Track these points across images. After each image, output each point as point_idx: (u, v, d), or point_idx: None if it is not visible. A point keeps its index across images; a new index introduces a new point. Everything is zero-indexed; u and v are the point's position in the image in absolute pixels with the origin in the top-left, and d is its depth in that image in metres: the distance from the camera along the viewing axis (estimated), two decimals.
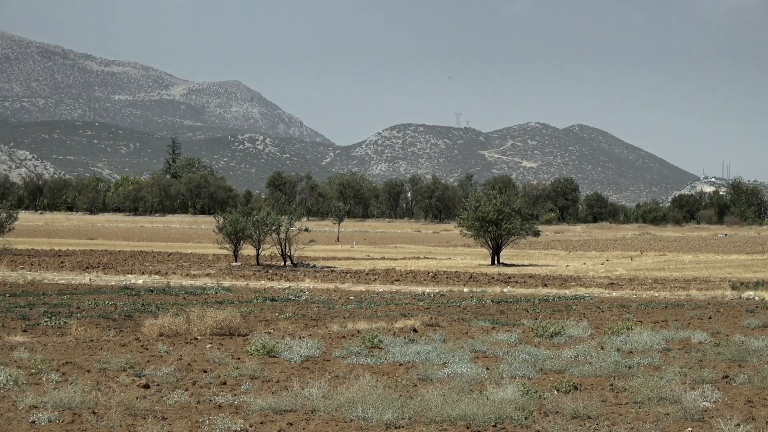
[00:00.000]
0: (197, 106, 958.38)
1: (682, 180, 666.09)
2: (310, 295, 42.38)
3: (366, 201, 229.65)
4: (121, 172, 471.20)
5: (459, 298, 42.62)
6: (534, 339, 26.94)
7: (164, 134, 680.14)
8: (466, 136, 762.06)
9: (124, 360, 21.49)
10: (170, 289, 44.62)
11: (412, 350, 23.53)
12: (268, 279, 53.72)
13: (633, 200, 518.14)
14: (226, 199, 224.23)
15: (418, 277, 55.54)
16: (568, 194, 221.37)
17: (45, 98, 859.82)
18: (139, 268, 60.02)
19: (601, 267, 68.90)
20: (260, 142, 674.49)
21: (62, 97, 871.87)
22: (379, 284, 50.73)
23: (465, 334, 27.92)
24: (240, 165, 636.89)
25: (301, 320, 31.87)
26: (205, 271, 58.16)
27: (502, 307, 38.13)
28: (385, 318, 32.72)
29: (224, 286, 46.80)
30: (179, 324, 27.19)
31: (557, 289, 48.45)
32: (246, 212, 69.50)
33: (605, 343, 25.81)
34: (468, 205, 76.49)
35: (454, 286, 49.62)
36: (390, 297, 42.58)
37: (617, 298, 44.09)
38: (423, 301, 40.24)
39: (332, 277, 55.52)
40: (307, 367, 21.75)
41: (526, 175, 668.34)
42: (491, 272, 61.61)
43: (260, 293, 43.55)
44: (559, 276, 58.74)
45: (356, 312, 35.10)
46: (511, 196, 78.54)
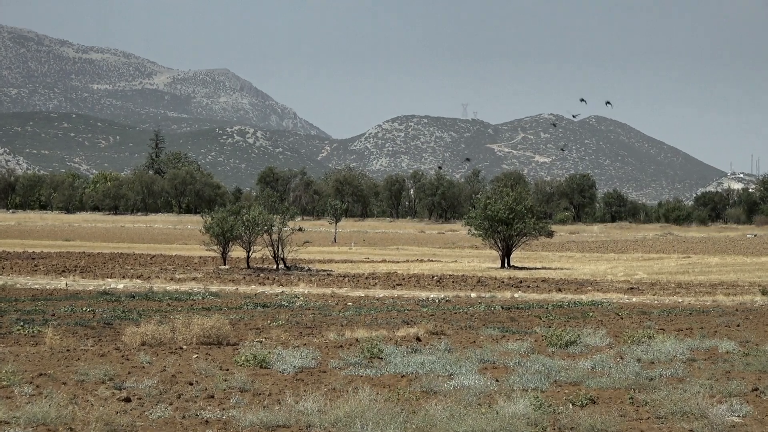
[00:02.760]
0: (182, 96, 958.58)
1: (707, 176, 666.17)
2: (305, 301, 42.35)
3: (365, 199, 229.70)
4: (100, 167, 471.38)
5: (466, 304, 42.59)
6: (547, 348, 26.91)
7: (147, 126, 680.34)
8: (473, 128, 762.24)
9: (103, 371, 21.46)
10: (153, 294, 44.60)
11: (416, 361, 23.51)
12: (259, 283, 53.70)
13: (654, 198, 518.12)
14: (214, 197, 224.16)
15: (422, 282, 55.52)
16: (585, 191, 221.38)
17: (17, 88, 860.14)
18: (120, 271, 60.00)
19: (621, 270, 68.89)
20: (251, 135, 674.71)
21: (36, 86, 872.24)
22: (379, 289, 50.67)
23: (472, 343, 27.90)
24: (229, 160, 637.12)
25: (294, 328, 31.85)
26: (191, 275, 58.13)
27: (513, 313, 38.10)
28: (385, 326, 32.70)
29: (212, 291, 46.79)
30: (163, 332, 27.17)
31: (572, 295, 48.42)
32: (235, 211, 69.49)
33: (625, 352, 25.78)
34: (476, 203, 76.48)
35: (460, 291, 49.59)
36: (391, 303, 42.56)
37: (638, 304, 44.07)
38: (427, 308, 40.21)
39: (329, 281, 55.49)
40: (301, 379, 21.73)
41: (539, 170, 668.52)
42: (501, 276, 61.59)
43: (251, 299, 43.52)
44: (574, 280, 58.72)
45: (355, 319, 35.07)
46: (522, 193, 78.48)
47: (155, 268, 64.68)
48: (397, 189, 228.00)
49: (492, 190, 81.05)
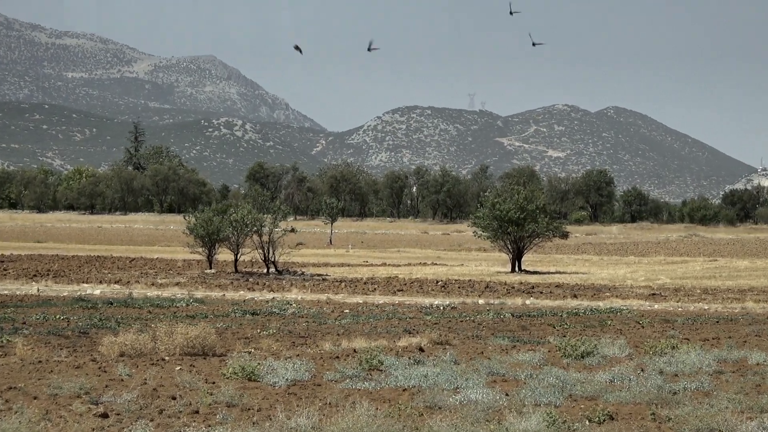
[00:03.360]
0: (164, 85, 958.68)
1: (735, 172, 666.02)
2: (298, 308, 42.36)
3: (363, 197, 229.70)
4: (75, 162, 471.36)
5: (473, 311, 42.60)
6: (562, 360, 26.91)
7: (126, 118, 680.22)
8: (481, 120, 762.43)
9: (79, 384, 21.46)
10: (133, 300, 44.60)
11: (418, 373, 23.51)
12: (248, 289, 53.71)
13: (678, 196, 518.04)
14: (199, 195, 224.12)
15: (425, 287, 55.51)
16: (602, 189, 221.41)
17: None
18: (97, 276, 60.00)
19: (641, 275, 68.91)
20: (239, 128, 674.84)
21: (5, 74, 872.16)
22: (378, 295, 50.68)
23: (480, 354, 27.90)
24: (215, 154, 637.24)
25: (287, 337, 31.85)
26: (173, 280, 58.12)
27: (524, 321, 38.11)
28: (386, 335, 32.70)
29: (197, 298, 46.79)
30: (143, 342, 27.17)
31: (589, 301, 48.44)
32: (222, 210, 69.49)
33: (646, 364, 25.78)
34: (484, 202, 76.50)
35: (467, 298, 49.60)
36: (392, 310, 42.57)
37: (660, 311, 44.07)
38: (431, 315, 40.22)
39: (324, 286, 55.49)
40: (294, 393, 21.73)
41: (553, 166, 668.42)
42: (511, 281, 61.60)
43: (239, 306, 43.53)
44: (591, 285, 58.74)
45: (352, 328, 35.08)
46: (534, 191, 78.57)
47: (135, 272, 64.66)
48: (398, 186, 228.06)
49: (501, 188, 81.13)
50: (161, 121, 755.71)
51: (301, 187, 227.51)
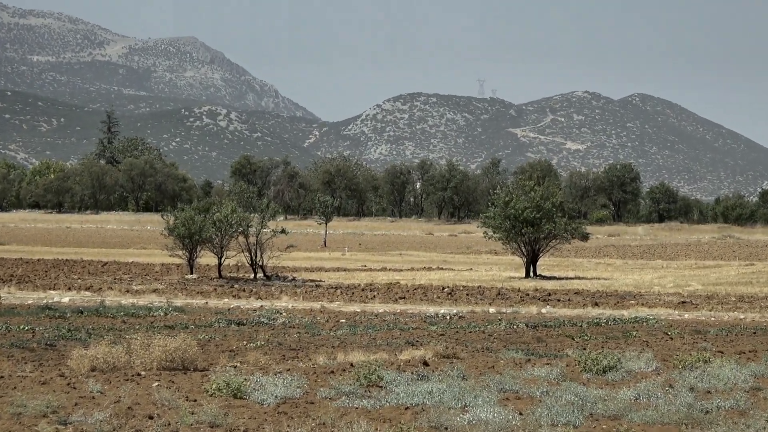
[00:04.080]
0: (140, 69, 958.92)
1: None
2: (289, 318, 42.37)
3: (361, 194, 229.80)
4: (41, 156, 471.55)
5: (483, 321, 42.62)
6: (581, 375, 26.93)
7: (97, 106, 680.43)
8: (492, 109, 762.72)
9: (45, 402, 21.45)
10: (105, 309, 44.61)
11: (422, 389, 23.52)
12: (233, 296, 53.73)
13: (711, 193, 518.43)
14: (179, 192, 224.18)
15: (430, 294, 55.54)
16: (626, 185, 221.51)
17: None
18: (65, 281, 60.00)
19: (670, 280, 68.92)
20: (223, 117, 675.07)
21: None
22: (378, 303, 50.68)
23: (491, 369, 27.91)
24: (197, 147, 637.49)
25: (276, 350, 31.86)
26: (151, 286, 58.13)
27: (540, 332, 38.13)
28: (386, 347, 32.72)
29: (176, 306, 46.80)
30: (117, 355, 27.17)
31: (612, 310, 48.45)
32: (204, 209, 69.47)
33: (675, 380, 25.79)
34: (495, 200, 76.49)
35: (476, 306, 49.61)
36: (393, 320, 42.59)
37: (690, 321, 44.09)
38: (436, 326, 40.23)
39: (317, 293, 55.50)
40: (284, 412, 21.74)
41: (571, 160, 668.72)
42: (525, 287, 61.62)
43: (223, 315, 43.54)
44: (614, 292, 58.76)
45: (349, 339, 35.09)
46: (551, 187, 78.47)
47: (108, 277, 64.64)
48: (400, 182, 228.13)
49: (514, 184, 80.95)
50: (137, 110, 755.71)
51: (292, 183, 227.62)
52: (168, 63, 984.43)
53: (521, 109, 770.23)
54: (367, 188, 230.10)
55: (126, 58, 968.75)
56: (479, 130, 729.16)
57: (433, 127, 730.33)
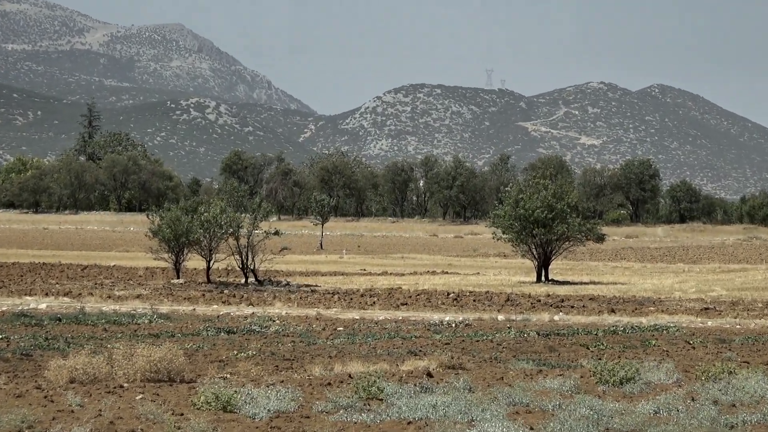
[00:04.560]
0: (123, 59, 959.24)
1: None
2: (282, 325, 42.37)
3: (360, 193, 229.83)
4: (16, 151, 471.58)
5: (491, 329, 42.63)
6: (597, 387, 26.93)
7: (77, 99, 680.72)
8: (500, 101, 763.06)
9: (21, 417, 21.44)
10: (85, 316, 44.61)
11: (426, 402, 23.51)
12: (222, 302, 53.74)
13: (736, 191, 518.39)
14: (164, 190, 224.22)
15: (434, 300, 55.55)
16: (645, 183, 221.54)
17: None
18: (42, 287, 60.00)
19: (692, 285, 68.92)
20: (212, 110, 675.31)
21: None
22: (378, 309, 50.68)
23: (500, 380, 27.92)
24: (183, 142, 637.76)
25: (269, 360, 31.86)
26: (134, 292, 58.13)
27: (552, 341, 38.13)
28: (387, 357, 32.72)
29: (161, 313, 46.80)
30: (98, 366, 27.16)
31: (629, 317, 48.45)
32: (191, 208, 69.47)
33: (697, 392, 25.78)
34: (505, 199, 76.49)
35: (484, 313, 49.62)
36: (394, 328, 42.59)
37: (714, 328, 44.08)
38: (441, 334, 40.24)
39: (313, 299, 55.51)
40: (277, 427, 21.74)
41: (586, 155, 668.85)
42: (537, 292, 61.64)
43: (212, 322, 43.54)
44: (632, 298, 58.76)
45: (347, 349, 35.09)
46: (564, 185, 78.49)
47: (88, 282, 64.63)
48: (401, 180, 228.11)
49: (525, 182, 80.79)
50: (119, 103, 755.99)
51: (286, 181, 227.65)
52: (152, 52, 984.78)
53: (532, 101, 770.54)
54: (367, 186, 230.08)
55: (107, 47, 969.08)
56: (487, 123, 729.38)
57: (438, 120, 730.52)
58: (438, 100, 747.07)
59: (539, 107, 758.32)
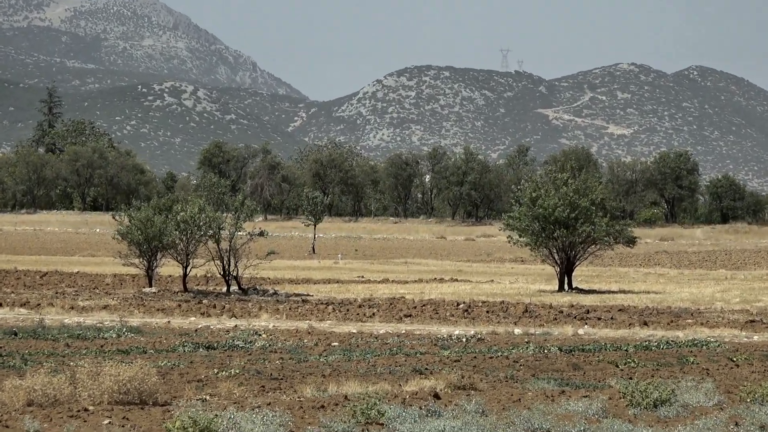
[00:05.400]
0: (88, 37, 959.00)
1: None
2: (270, 340, 42.34)
3: (358, 189, 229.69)
4: None
5: (507, 344, 42.61)
6: (627, 410, 26.90)
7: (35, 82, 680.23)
8: (518, 85, 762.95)
9: None
10: (45, 330, 44.57)
11: (432, 428, 23.49)
12: (201, 314, 53.71)
13: None
14: (135, 187, 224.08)
15: (442, 311, 55.54)
16: (682, 178, 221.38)
17: None
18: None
19: (735, 295, 68.88)
20: (189, 96, 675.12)
21: None
22: (378, 322, 50.67)
23: (516, 403, 27.89)
24: (157, 131, 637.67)
25: (254, 380, 31.83)
26: (100, 302, 58.08)
27: (577, 358, 38.11)
28: (388, 376, 32.70)
29: (132, 326, 46.77)
30: (59, 386, 27.12)
31: (664, 330, 48.43)
32: (166, 207, 69.43)
33: (741, 416, 25.75)
34: (522, 196, 76.41)
35: (498, 326, 49.61)
36: (397, 343, 42.57)
37: (760, 344, 44.06)
38: (449, 350, 40.22)
39: (304, 310, 55.49)
40: None
41: (615, 147, 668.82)
42: (559, 303, 61.61)
43: (189, 337, 43.52)
44: (667, 309, 58.74)
45: (343, 366, 35.08)
46: (590, 180, 78.40)
47: (48, 291, 64.58)
48: (405, 175, 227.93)
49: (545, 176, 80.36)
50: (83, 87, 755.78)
51: (274, 176, 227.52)
52: (122, 29, 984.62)
53: (553, 85, 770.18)
54: (366, 182, 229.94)
55: (70, 23, 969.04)
56: (502, 110, 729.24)
57: (446, 107, 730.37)
58: (446, 84, 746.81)
59: (561, 92, 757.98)
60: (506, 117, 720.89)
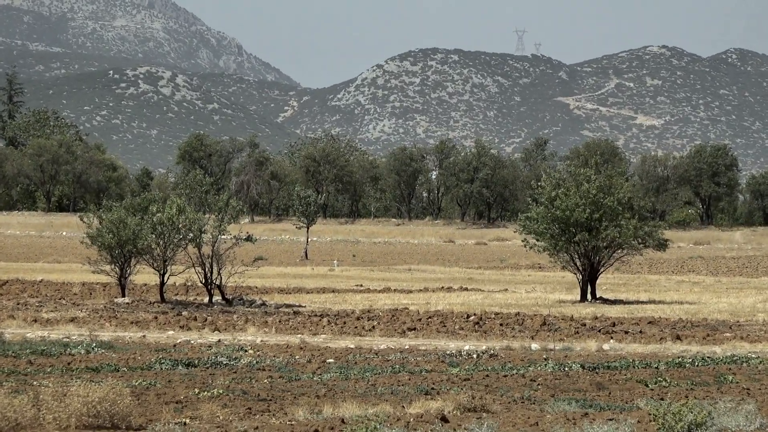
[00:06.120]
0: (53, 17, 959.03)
1: None
2: (257, 356, 42.35)
3: (356, 187, 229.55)
4: None
5: (523, 361, 42.63)
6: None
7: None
8: (535, 70, 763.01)
9: None
10: (5, 345, 44.57)
11: None
12: (180, 327, 53.70)
13: None
14: (106, 185, 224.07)
15: (450, 324, 55.54)
16: (720, 174, 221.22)
17: None
18: None
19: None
20: (167, 83, 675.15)
21: None
22: (379, 336, 50.66)
23: (534, 426, 27.91)
24: (131, 122, 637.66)
25: (239, 401, 31.84)
26: (67, 314, 58.06)
27: (601, 377, 38.13)
28: (390, 397, 32.71)
29: (103, 341, 46.77)
30: (21, 408, 27.12)
31: (700, 345, 48.42)
32: (141, 207, 69.43)
33: None
34: (539, 195, 76.36)
35: (513, 340, 49.61)
36: (399, 359, 42.58)
37: None
38: (458, 368, 40.23)
39: (296, 323, 55.48)
40: None
41: (644, 139, 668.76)
42: (581, 314, 61.61)
43: (167, 353, 43.51)
44: (702, 321, 58.72)
45: (339, 386, 35.08)
46: (615, 176, 78.33)
47: (8, 302, 64.55)
48: (409, 171, 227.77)
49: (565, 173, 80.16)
50: (48, 72, 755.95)
51: (262, 173, 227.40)
52: (91, 8, 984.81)
53: (575, 70, 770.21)
54: (365, 179, 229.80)
55: (33, 2, 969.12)
56: (518, 99, 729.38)
57: (455, 95, 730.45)
58: (455, 69, 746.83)
59: (584, 78, 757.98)
60: (522, 106, 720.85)
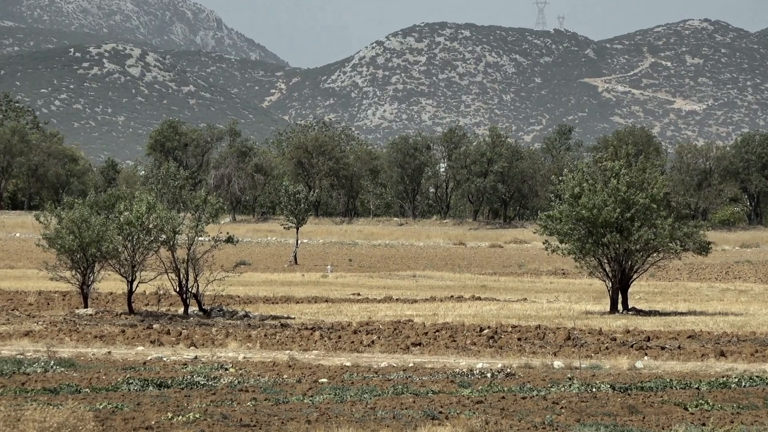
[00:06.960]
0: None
1: None
2: (239, 376, 42.39)
3: (353, 182, 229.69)
4: None
5: (544, 380, 42.66)
6: None
7: None
8: (558, 48, 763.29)
9: None
10: None
11: None
12: (152, 342, 53.74)
13: None
14: (66, 178, 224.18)
15: (461, 338, 55.57)
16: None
17: None
18: None
19: None
20: (135, 62, 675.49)
21: None
22: (379, 352, 50.68)
23: None
24: (94, 107, 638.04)
25: (219, 427, 31.89)
26: (21, 327, 58.11)
27: (634, 399, 38.15)
28: (392, 422, 32.75)
29: (62, 358, 46.78)
30: None
31: (746, 363, 48.42)
32: (106, 205, 69.47)
33: None
34: (563, 191, 76.34)
35: (533, 357, 49.62)
36: (402, 378, 42.61)
37: None
38: (470, 388, 40.27)
39: (284, 337, 55.51)
40: None
41: (683, 127, 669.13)
42: (611, 327, 61.62)
43: (136, 371, 43.54)
44: (750, 335, 58.71)
45: (333, 410, 35.12)
46: (650, 169, 78.32)
47: None
48: (414, 164, 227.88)
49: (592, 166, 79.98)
50: (1, 50, 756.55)
51: (245, 165, 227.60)
52: None
53: (603, 47, 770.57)
54: (363, 173, 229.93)
55: None
56: (538, 80, 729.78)
57: (466, 76, 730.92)
58: (466, 47, 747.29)
59: (614, 57, 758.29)
60: (543, 89, 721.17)
